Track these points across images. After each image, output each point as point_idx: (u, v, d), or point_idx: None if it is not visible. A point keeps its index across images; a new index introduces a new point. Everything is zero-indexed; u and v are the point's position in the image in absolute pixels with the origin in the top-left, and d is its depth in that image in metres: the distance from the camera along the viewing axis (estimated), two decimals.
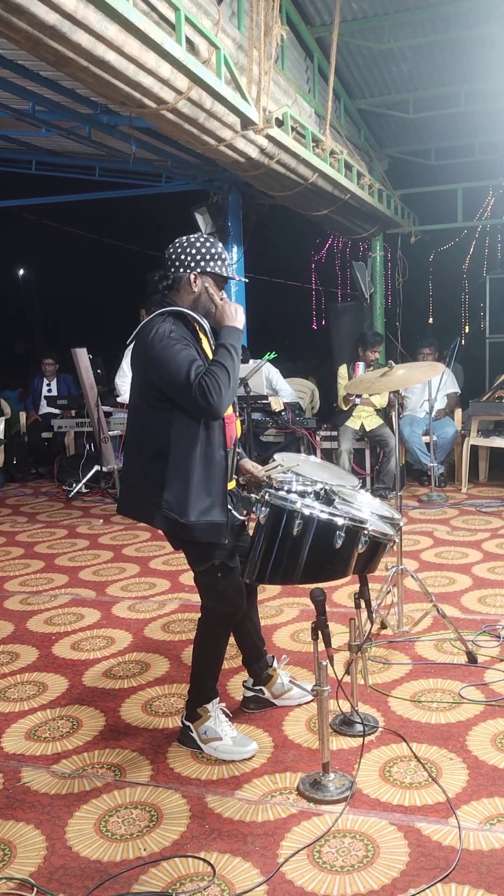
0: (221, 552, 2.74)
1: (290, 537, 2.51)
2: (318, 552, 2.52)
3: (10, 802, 2.60)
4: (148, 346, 2.65)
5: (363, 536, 2.57)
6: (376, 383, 3.91)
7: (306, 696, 3.17)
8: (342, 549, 2.53)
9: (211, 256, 2.74)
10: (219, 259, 2.76)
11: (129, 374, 6.62)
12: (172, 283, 2.78)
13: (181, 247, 2.76)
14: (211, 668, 2.91)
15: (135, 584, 4.86)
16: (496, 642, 3.65)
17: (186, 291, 2.76)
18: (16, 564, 5.40)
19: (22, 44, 3.22)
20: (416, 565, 4.91)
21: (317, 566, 2.55)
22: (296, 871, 2.20)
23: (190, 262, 2.73)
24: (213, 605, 2.81)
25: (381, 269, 9.91)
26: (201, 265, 2.73)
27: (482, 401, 7.20)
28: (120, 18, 3.16)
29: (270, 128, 4.78)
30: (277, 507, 2.54)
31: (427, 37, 6.43)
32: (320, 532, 2.51)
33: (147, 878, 2.20)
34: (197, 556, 2.78)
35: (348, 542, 2.53)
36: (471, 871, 2.16)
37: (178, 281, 2.76)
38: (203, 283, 2.75)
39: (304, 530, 2.50)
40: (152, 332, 2.66)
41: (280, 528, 2.53)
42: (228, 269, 2.81)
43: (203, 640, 2.89)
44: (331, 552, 2.52)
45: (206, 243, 2.77)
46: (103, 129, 6.97)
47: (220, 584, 2.77)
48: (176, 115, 4.14)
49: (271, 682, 3.16)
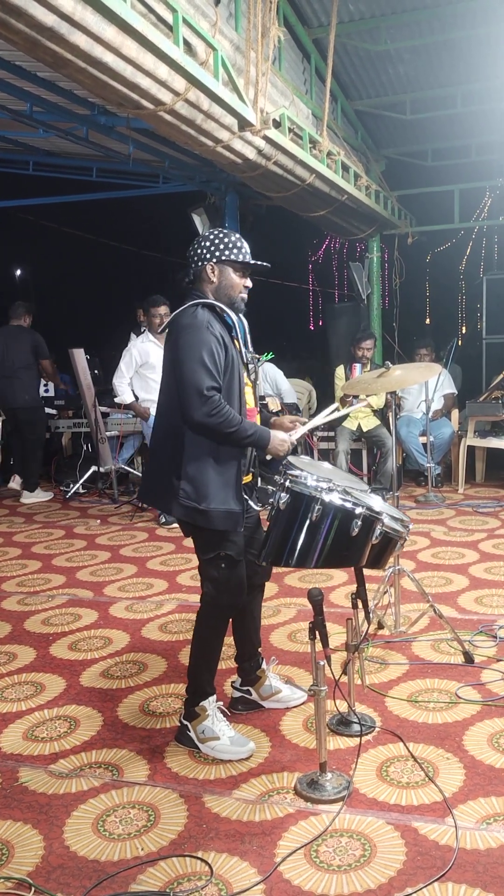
0: (230, 544, 2.78)
1: (308, 522, 2.57)
2: (335, 539, 2.58)
3: (7, 802, 2.60)
4: (180, 328, 2.74)
5: (378, 527, 2.63)
6: (373, 384, 3.92)
7: (295, 700, 3.18)
8: (357, 538, 2.58)
9: (225, 245, 2.83)
10: (233, 247, 2.83)
11: (126, 375, 6.66)
12: (194, 278, 2.88)
13: (198, 243, 2.87)
14: (207, 660, 2.92)
15: (132, 584, 4.86)
16: (493, 642, 3.66)
17: (206, 282, 2.85)
18: (13, 565, 5.40)
19: (20, 45, 3.23)
20: (413, 565, 4.92)
21: (333, 552, 2.61)
22: (293, 871, 2.21)
23: (205, 254, 2.83)
24: (214, 595, 2.84)
25: (378, 270, 9.92)
26: (216, 255, 2.82)
27: (479, 401, 7.23)
28: (118, 20, 3.17)
29: (268, 129, 4.79)
30: (297, 493, 2.59)
31: (424, 38, 6.45)
32: (338, 519, 2.57)
33: (145, 878, 2.21)
34: (205, 545, 2.82)
35: (363, 531, 2.59)
36: (467, 870, 2.17)
37: (199, 274, 2.86)
38: (222, 272, 2.84)
39: (322, 516, 2.56)
40: (187, 317, 2.75)
41: (299, 513, 2.58)
42: (246, 256, 2.86)
43: (201, 630, 2.91)
44: (347, 539, 2.58)
45: (219, 234, 2.86)
46: (101, 130, 6.98)
47: (224, 576, 2.80)
48: (173, 116, 4.15)
49: (259, 684, 3.17)
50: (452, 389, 7.64)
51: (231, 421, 2.67)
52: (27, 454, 7.51)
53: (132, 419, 7.18)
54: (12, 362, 7.28)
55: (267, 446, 2.77)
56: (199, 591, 4.55)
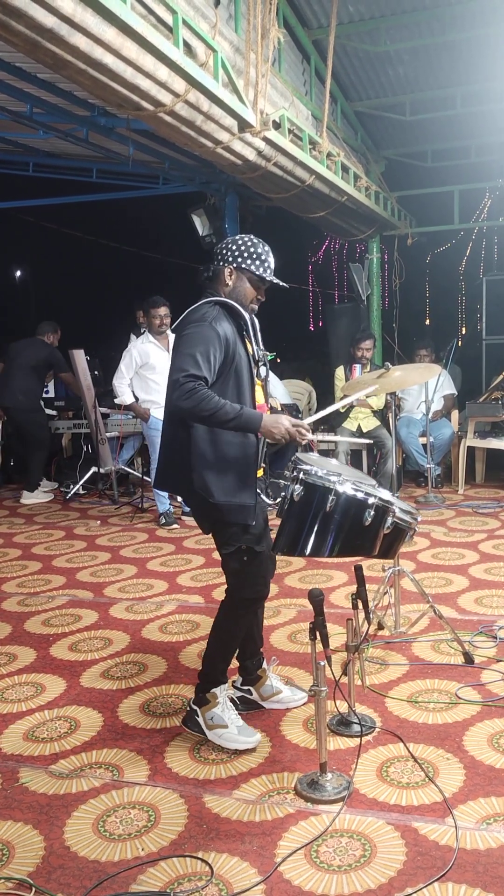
0: (249, 536, 2.80)
1: (323, 513, 2.60)
2: (349, 528, 2.62)
3: (8, 803, 2.61)
4: (186, 324, 2.76)
5: (389, 517, 2.68)
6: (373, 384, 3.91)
7: (295, 701, 3.18)
8: (370, 527, 2.63)
9: (249, 255, 2.83)
10: (257, 259, 2.84)
11: (126, 376, 6.65)
12: (213, 275, 2.89)
13: (226, 242, 2.89)
14: (225, 650, 2.94)
15: (132, 585, 4.87)
16: (493, 643, 3.66)
17: (222, 283, 2.86)
18: (13, 566, 5.40)
19: (20, 46, 3.23)
20: (413, 566, 4.92)
21: (347, 541, 2.65)
22: (293, 871, 2.21)
23: (228, 257, 2.85)
24: (237, 589, 2.86)
25: (377, 271, 9.93)
26: (238, 261, 2.83)
27: (479, 402, 7.23)
28: (118, 22, 3.17)
29: (267, 130, 4.79)
30: (311, 484, 2.62)
31: (423, 39, 6.46)
32: (352, 509, 2.61)
33: (145, 878, 2.21)
34: (225, 539, 2.83)
35: (376, 520, 2.63)
36: (467, 870, 2.17)
37: (217, 273, 2.87)
38: (238, 278, 2.85)
39: (336, 506, 2.59)
40: (197, 314, 2.77)
41: (313, 504, 2.61)
42: (267, 271, 2.86)
43: (223, 621, 2.93)
44: (360, 529, 2.61)
45: (248, 242, 2.86)
46: (101, 132, 6.99)
47: (246, 568, 2.82)
48: (173, 117, 4.16)
49: (260, 683, 3.18)
50: (452, 390, 7.64)
51: (206, 403, 2.59)
52: (25, 455, 7.69)
53: (132, 420, 7.18)
54: (18, 366, 7.48)
55: (258, 429, 2.70)
56: (200, 592, 4.58)
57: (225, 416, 2.63)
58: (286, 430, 2.71)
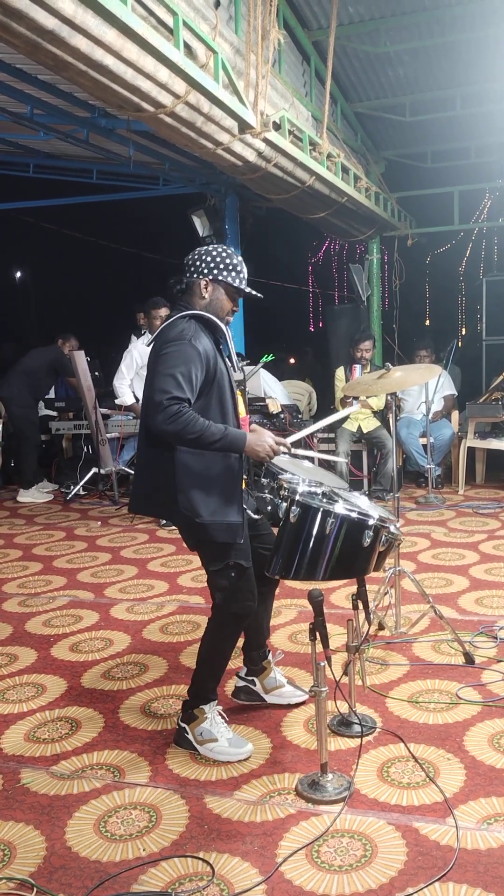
0: (236, 552, 2.77)
1: (322, 535, 2.59)
2: (346, 550, 2.61)
3: (9, 803, 2.61)
4: (164, 342, 2.70)
5: (384, 535, 2.66)
6: (373, 385, 3.93)
7: (297, 697, 3.18)
8: (368, 547, 2.62)
9: (225, 266, 2.79)
10: (233, 270, 2.81)
11: (127, 377, 6.67)
12: (186, 288, 2.84)
13: (199, 254, 2.83)
14: (214, 667, 2.91)
15: (133, 585, 4.87)
16: (493, 643, 3.67)
17: (198, 296, 2.81)
18: (14, 566, 5.41)
19: (21, 48, 3.24)
20: (414, 567, 4.92)
21: (343, 563, 2.64)
22: (294, 871, 2.21)
23: (203, 269, 2.79)
24: (226, 605, 2.82)
25: (377, 272, 9.94)
26: (214, 273, 2.79)
27: (479, 403, 7.23)
28: (118, 23, 3.18)
29: (268, 131, 4.80)
30: (307, 506, 2.61)
31: (423, 40, 6.47)
32: (350, 530, 2.60)
33: (146, 878, 2.21)
34: (212, 556, 2.80)
35: (374, 540, 2.62)
36: (468, 870, 2.17)
37: (191, 286, 2.82)
38: (214, 290, 2.80)
39: (337, 528, 2.59)
40: (175, 330, 2.71)
41: (312, 526, 2.60)
42: (243, 283, 2.84)
43: (211, 638, 2.90)
44: (357, 550, 2.61)
45: (222, 253, 2.82)
46: (101, 133, 6.99)
47: (234, 584, 2.79)
48: (174, 118, 4.17)
49: (264, 675, 3.18)
50: (452, 391, 7.65)
51: (192, 427, 2.55)
52: (18, 451, 7.97)
53: (132, 421, 7.19)
54: (24, 363, 7.75)
55: (243, 449, 2.68)
56: (200, 592, 4.58)
57: (211, 437, 2.59)
58: (270, 447, 2.71)
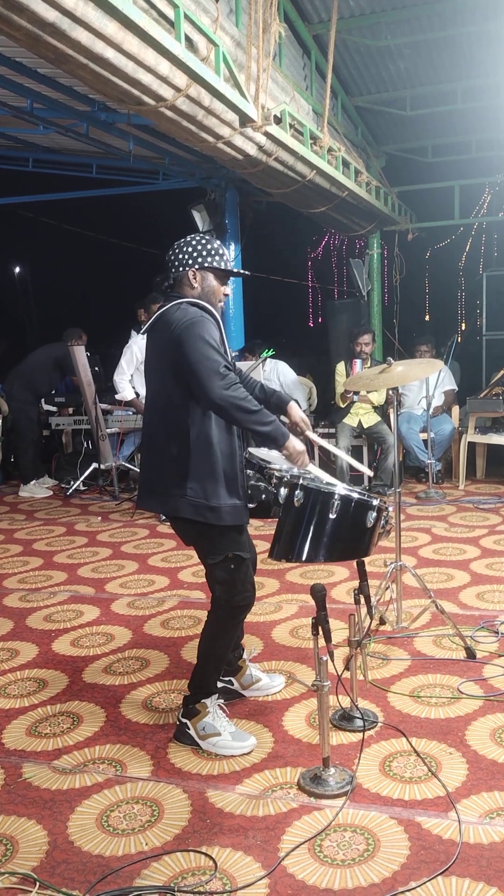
0: (237, 543, 2.78)
1: (325, 517, 2.64)
2: (351, 530, 2.68)
3: (11, 798, 2.61)
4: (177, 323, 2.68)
5: (384, 515, 2.74)
6: (374, 380, 3.92)
7: (274, 687, 3.24)
8: (371, 528, 2.69)
9: (208, 252, 2.80)
10: (216, 254, 2.82)
11: (127, 372, 6.65)
12: (174, 283, 2.84)
13: (179, 247, 2.83)
14: (216, 661, 2.92)
15: (134, 580, 4.87)
16: (494, 638, 3.67)
17: (188, 287, 2.81)
18: (15, 562, 5.40)
19: (21, 41, 3.22)
20: (415, 562, 4.92)
21: (348, 544, 2.71)
22: (297, 865, 2.22)
23: (187, 260, 2.79)
24: (227, 598, 2.82)
25: (378, 267, 9.91)
26: (198, 261, 2.79)
27: (479, 398, 7.22)
28: (119, 16, 3.16)
29: (269, 125, 4.78)
30: (311, 489, 2.67)
31: (424, 34, 6.44)
32: (355, 511, 2.66)
33: (149, 873, 2.21)
34: (211, 548, 2.80)
35: (377, 521, 2.70)
36: (471, 864, 2.17)
37: (179, 280, 2.82)
38: (203, 278, 2.81)
39: (342, 510, 2.65)
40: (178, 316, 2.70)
41: (315, 508, 2.65)
42: (228, 264, 2.86)
43: (212, 632, 2.90)
44: (362, 530, 2.67)
45: (202, 241, 2.83)
46: (101, 127, 6.97)
47: (234, 576, 2.79)
48: (174, 112, 4.15)
49: (241, 674, 3.20)
50: (453, 386, 7.64)
51: (251, 399, 2.62)
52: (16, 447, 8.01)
53: (133, 416, 7.18)
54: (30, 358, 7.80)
55: (285, 443, 2.70)
56: (201, 587, 4.57)
57: (266, 416, 2.64)
58: (301, 453, 2.74)
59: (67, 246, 13.12)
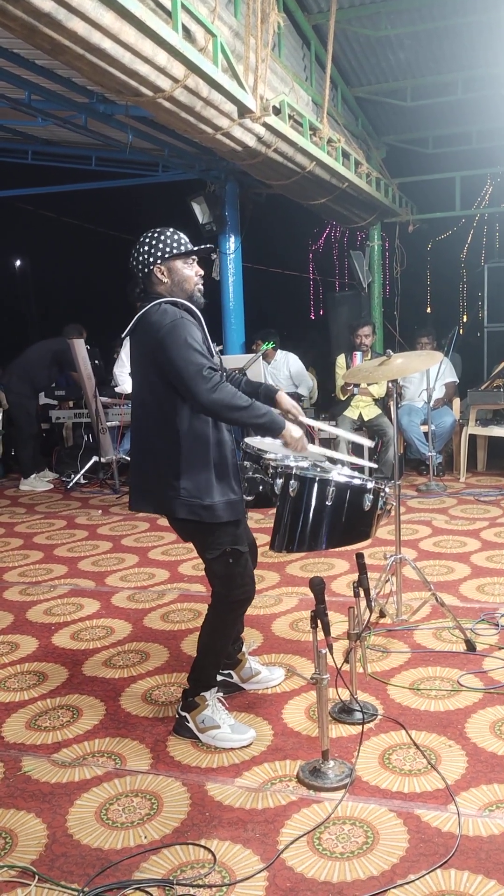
0: (234, 537, 2.77)
1: (322, 504, 2.64)
2: (349, 515, 2.68)
3: (10, 791, 2.61)
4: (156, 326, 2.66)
5: (382, 498, 2.75)
6: (374, 372, 3.91)
7: (274, 680, 3.23)
8: (370, 511, 2.70)
9: (164, 244, 2.76)
10: (173, 242, 2.77)
11: (127, 365, 6.58)
12: (145, 287, 2.81)
13: (137, 252, 2.79)
14: (216, 655, 2.92)
15: (134, 574, 4.87)
16: (494, 630, 3.66)
17: (159, 284, 2.78)
18: (15, 555, 5.40)
19: (17, 32, 3.20)
20: (415, 554, 4.92)
21: (347, 529, 2.71)
22: (296, 858, 2.21)
23: (149, 259, 2.76)
24: (226, 592, 2.81)
25: (378, 259, 9.88)
26: (158, 256, 2.75)
27: (480, 390, 7.21)
28: (116, 6, 3.14)
29: (268, 116, 4.76)
30: (305, 478, 2.67)
31: (424, 24, 6.40)
32: (351, 496, 2.67)
33: (148, 866, 2.21)
34: (209, 544, 2.78)
35: (374, 503, 2.70)
36: (470, 856, 2.17)
37: (149, 281, 2.79)
38: (170, 270, 2.77)
39: (337, 495, 2.65)
40: (158, 318, 2.67)
41: (311, 497, 2.65)
42: (187, 245, 2.81)
43: (212, 626, 2.89)
44: (359, 514, 2.68)
45: (154, 235, 2.79)
46: (99, 119, 6.93)
47: (233, 570, 2.78)
48: (173, 103, 4.12)
49: (240, 667, 3.20)
50: (454, 378, 7.62)
51: (239, 396, 2.60)
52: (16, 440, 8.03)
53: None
54: (29, 352, 7.82)
55: (281, 431, 2.68)
56: (201, 580, 4.57)
57: (258, 410, 2.62)
58: (300, 438, 2.71)
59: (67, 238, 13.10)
